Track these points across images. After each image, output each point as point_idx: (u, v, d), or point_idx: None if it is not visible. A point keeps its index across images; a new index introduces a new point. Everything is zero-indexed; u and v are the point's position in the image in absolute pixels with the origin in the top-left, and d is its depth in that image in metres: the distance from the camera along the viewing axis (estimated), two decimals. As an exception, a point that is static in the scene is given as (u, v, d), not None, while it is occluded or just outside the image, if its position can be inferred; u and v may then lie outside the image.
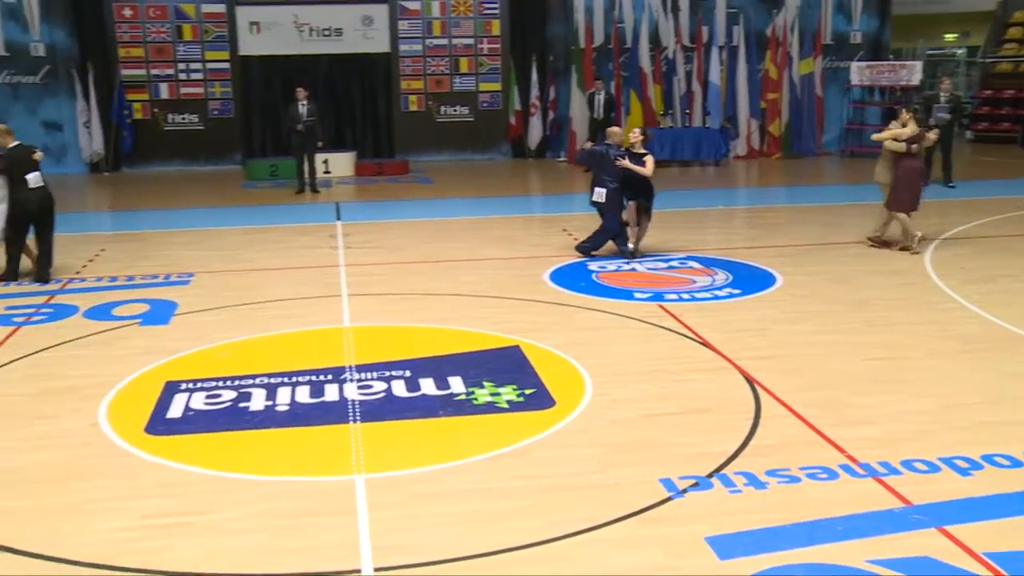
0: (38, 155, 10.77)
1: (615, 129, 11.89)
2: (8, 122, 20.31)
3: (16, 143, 10.78)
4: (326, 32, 21.67)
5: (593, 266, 11.14)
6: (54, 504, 5.36)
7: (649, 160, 11.30)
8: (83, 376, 7.48)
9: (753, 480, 5.48)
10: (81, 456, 6.01)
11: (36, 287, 10.51)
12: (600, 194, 11.35)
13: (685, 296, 9.74)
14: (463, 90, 22.56)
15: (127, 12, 21.08)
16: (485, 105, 22.68)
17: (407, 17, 22.06)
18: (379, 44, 21.97)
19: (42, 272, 10.77)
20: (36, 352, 8.17)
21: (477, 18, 22.37)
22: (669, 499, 5.28)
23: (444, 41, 22.32)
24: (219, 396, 6.96)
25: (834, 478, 5.52)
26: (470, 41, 22.44)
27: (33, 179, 10.68)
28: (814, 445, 5.99)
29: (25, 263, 10.91)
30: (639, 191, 11.41)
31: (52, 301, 9.95)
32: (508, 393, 6.94)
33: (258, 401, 6.85)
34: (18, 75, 20.86)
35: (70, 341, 8.48)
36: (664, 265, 11.15)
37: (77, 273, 11.20)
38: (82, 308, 9.58)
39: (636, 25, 22.01)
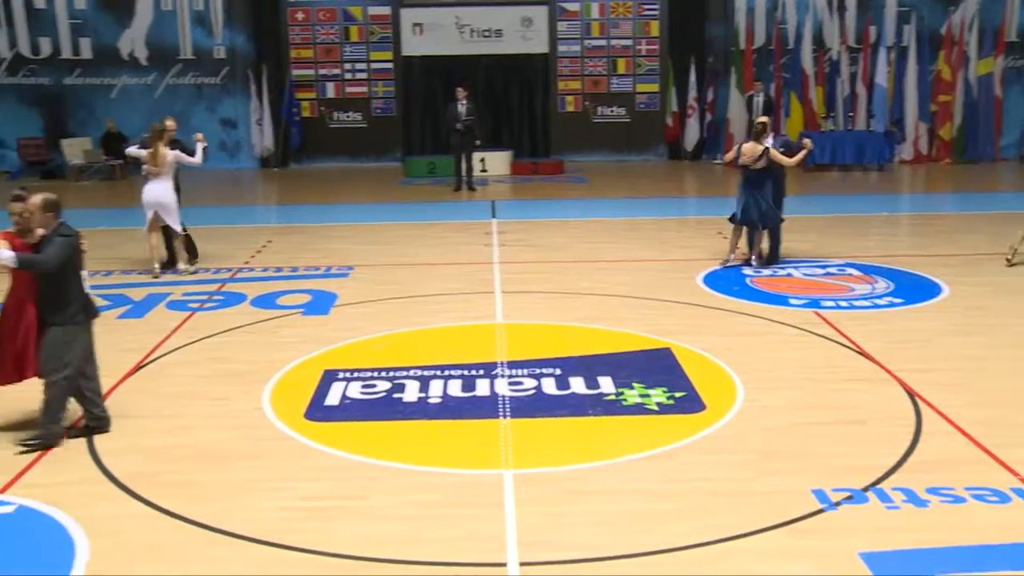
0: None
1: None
2: (191, 119, 21.69)
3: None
4: (486, 33, 21.97)
5: (747, 270, 10.89)
6: (224, 481, 5.64)
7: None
8: (250, 361, 7.84)
9: (912, 497, 5.24)
10: (248, 437, 6.30)
11: (211, 275, 11.06)
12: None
13: (843, 304, 9.41)
14: (620, 91, 22.45)
15: (300, 16, 21.95)
16: (642, 106, 22.50)
17: (566, 18, 22.12)
18: (538, 45, 22.11)
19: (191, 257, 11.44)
20: (209, 336, 8.61)
21: (636, 19, 22.22)
22: (821, 511, 5.11)
23: (602, 42, 22.27)
24: (374, 386, 7.16)
25: (1005, 501, 5.20)
26: (628, 42, 22.31)
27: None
28: (982, 465, 5.68)
29: (161, 251, 11.32)
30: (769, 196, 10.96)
31: (223, 289, 10.46)
32: (658, 395, 6.87)
33: (411, 393, 7.01)
34: (201, 76, 22.05)
35: (238, 327, 8.90)
36: (821, 271, 10.79)
37: (246, 263, 11.74)
38: (250, 296, 10.04)
39: (799, 26, 21.39)
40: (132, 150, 11.22)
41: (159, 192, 10.86)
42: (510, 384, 7.14)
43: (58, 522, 5.13)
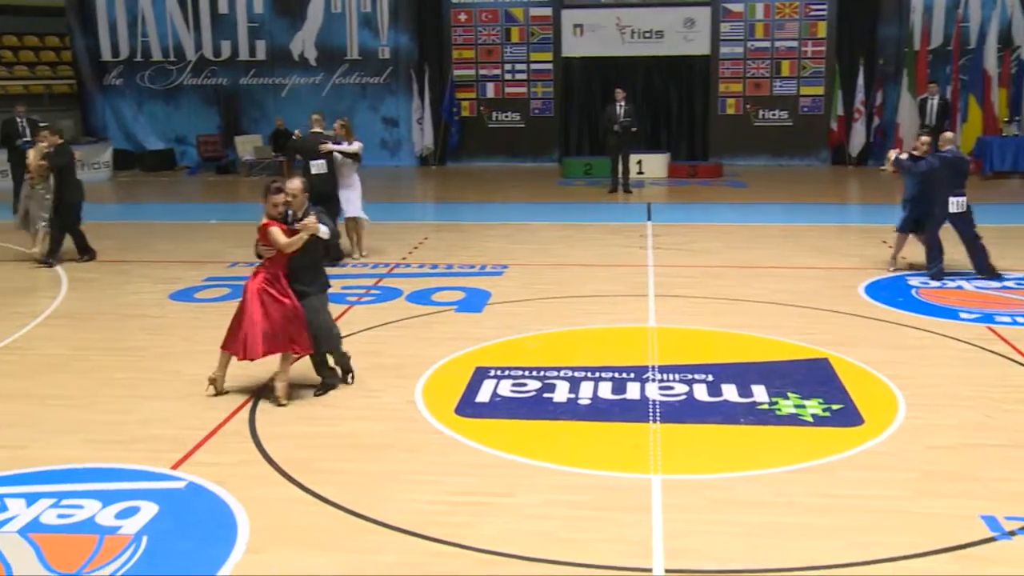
0: (324, 147, 11.49)
1: (949, 135, 11.01)
2: (354, 117, 22.40)
3: (315, 131, 11.64)
4: (647, 34, 21.79)
5: (914, 281, 10.41)
6: (376, 471, 5.80)
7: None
8: (404, 355, 8.04)
9: (1094, 530, 4.90)
10: (400, 429, 6.47)
11: (369, 269, 11.40)
12: (961, 203, 10.42)
13: (1020, 320, 8.87)
14: (783, 94, 21.86)
15: (462, 17, 22.36)
16: (805, 109, 21.84)
17: (729, 19, 21.70)
18: (699, 46, 21.77)
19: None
20: (366, 329, 8.88)
21: (803, 20, 21.58)
22: (993, 539, 4.83)
23: (766, 44, 21.73)
24: (525, 385, 7.22)
25: None
26: (793, 44, 21.69)
27: (317, 166, 11.45)
28: None
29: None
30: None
31: (380, 284, 10.76)
32: (813, 406, 6.66)
33: (561, 393, 7.03)
34: (366, 76, 22.79)
35: (394, 322, 9.14)
36: (997, 285, 10.21)
37: (403, 259, 12.04)
38: (406, 292, 10.29)
39: (984, 23, 20.25)
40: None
41: (350, 199, 11.56)
42: (661, 388, 7.06)
43: (222, 500, 5.40)
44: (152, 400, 7.07)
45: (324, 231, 6.85)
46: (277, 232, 6.79)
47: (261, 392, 7.17)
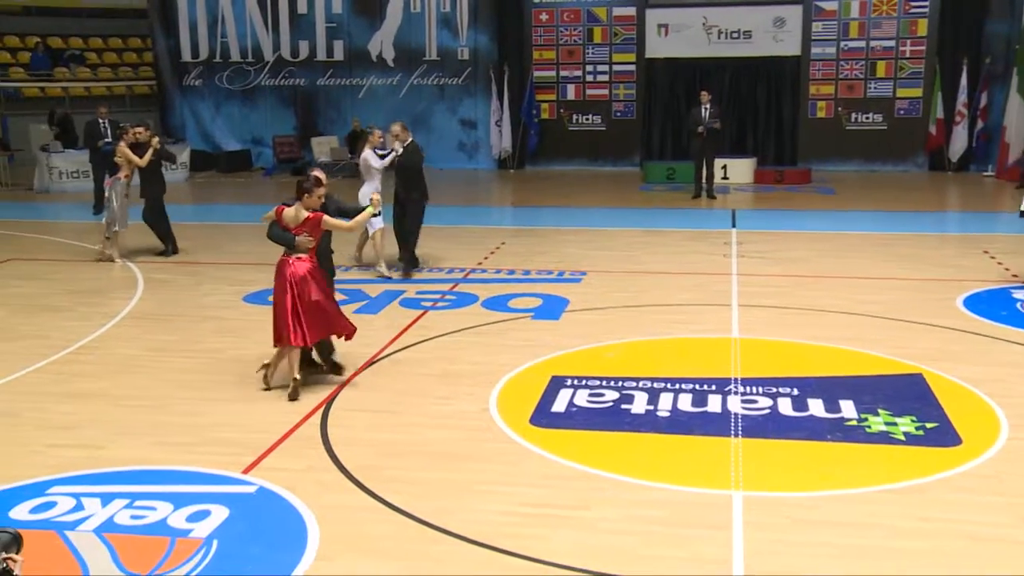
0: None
1: None
2: (432, 119, 22.65)
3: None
4: (735, 35, 21.55)
5: (1019, 294, 10.10)
6: (448, 480, 5.84)
7: None
8: (478, 363, 8.08)
9: None
10: (473, 438, 6.50)
11: (444, 274, 11.49)
12: None
13: None
14: (878, 96, 21.40)
15: (544, 16, 22.41)
16: (902, 112, 21.35)
17: (822, 18, 21.33)
18: (789, 47, 21.45)
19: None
20: (440, 336, 8.95)
21: (901, 17, 21.10)
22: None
23: (861, 43, 21.30)
24: (602, 395, 7.19)
25: None
26: (891, 43, 21.22)
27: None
28: None
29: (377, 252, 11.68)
30: None
31: (456, 289, 10.83)
32: (906, 424, 6.50)
33: (639, 404, 6.99)
34: (444, 77, 22.99)
35: (469, 328, 9.18)
36: (1109, 299, 9.85)
37: (479, 264, 12.10)
38: (481, 298, 10.34)
39: (1111, 17, 19.49)
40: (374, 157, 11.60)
41: (366, 194, 11.11)
42: (743, 402, 6.97)
43: (293, 506, 5.49)
44: (224, 403, 7.23)
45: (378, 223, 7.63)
46: (333, 220, 7.41)
47: (333, 398, 7.28)
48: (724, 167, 19.53)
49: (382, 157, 11.37)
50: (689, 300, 10.10)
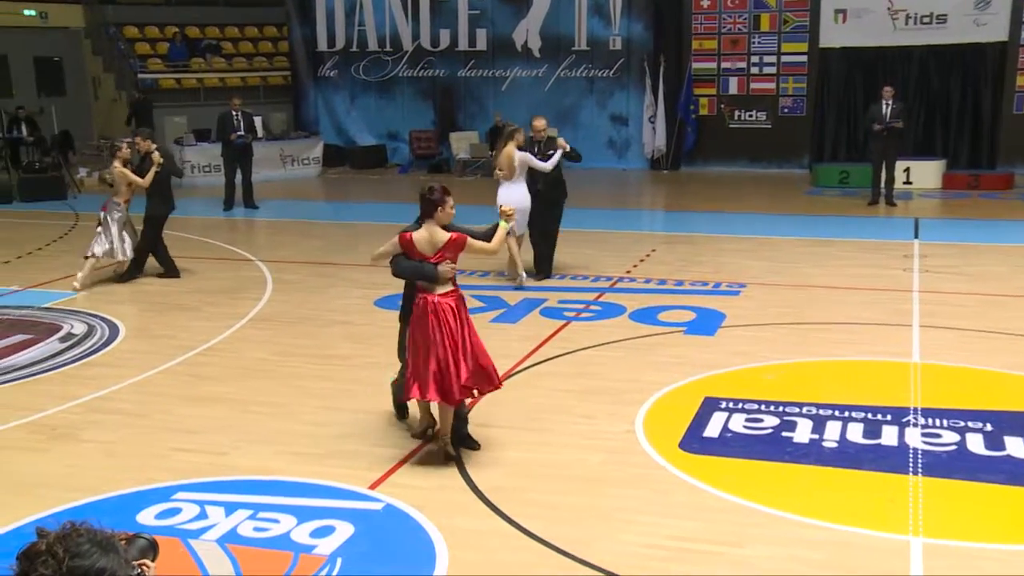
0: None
1: None
2: (579, 114, 22.73)
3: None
4: (926, 20, 20.81)
5: None
6: (588, 505, 5.84)
7: None
8: (623, 380, 8.06)
9: None
10: (615, 461, 6.48)
11: (589, 283, 11.51)
12: None
13: None
14: (1103, 87, 20.26)
15: (705, 3, 22.20)
16: None
17: (1035, -3, 20.31)
18: (994, 31, 20.46)
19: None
20: (582, 349, 8.96)
21: None
22: None
23: (1082, 25, 20.22)
24: (760, 421, 7.07)
25: None
26: (1117, 26, 20.08)
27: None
28: None
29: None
30: None
31: (601, 299, 10.83)
32: (1120, 470, 6.15)
33: (803, 432, 6.83)
34: (594, 69, 23.05)
35: (614, 342, 9.17)
36: None
37: (627, 272, 12.06)
38: (629, 309, 10.30)
39: None
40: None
41: (516, 198, 11.05)
42: (924, 435, 6.73)
43: (421, 526, 5.59)
44: (352, 413, 7.42)
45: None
46: (478, 242, 6.61)
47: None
48: (907, 170, 18.91)
49: (545, 158, 11.43)
50: (862, 318, 9.82)
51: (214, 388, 8.07)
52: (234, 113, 17.46)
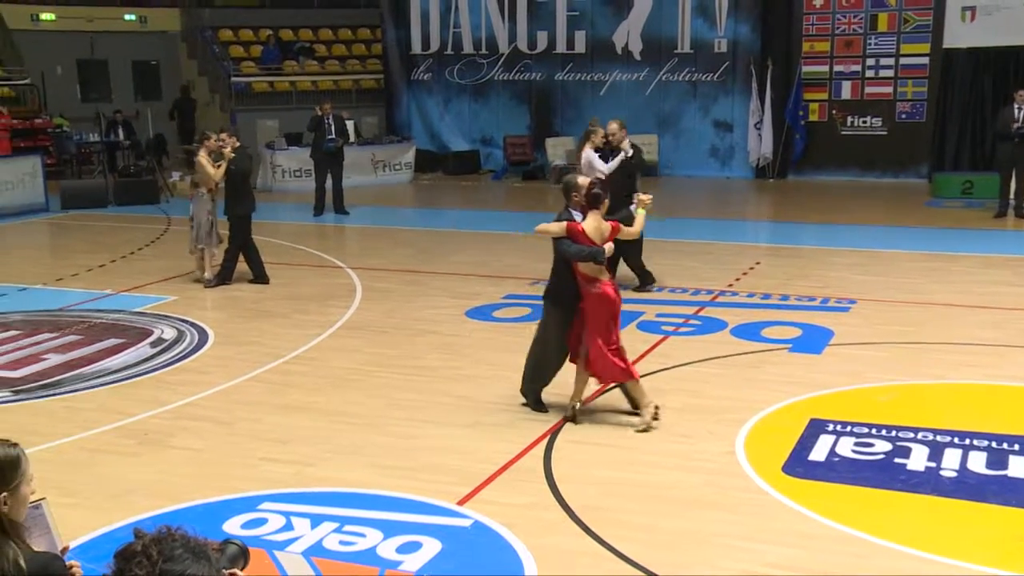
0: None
1: None
2: (681, 119, 22.59)
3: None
4: (1062, 18, 20.18)
5: None
6: (684, 529, 5.81)
7: None
8: (723, 398, 7.99)
9: None
10: (714, 484, 6.42)
11: (689, 296, 11.43)
12: None
13: None
14: None
15: (816, 2, 21.89)
16: None
17: None
18: None
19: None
20: (681, 365, 8.91)
21: None
22: None
23: None
24: (871, 445, 6.94)
25: None
26: None
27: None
28: None
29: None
30: None
31: (701, 313, 10.75)
32: None
33: (918, 459, 6.69)
34: (697, 72, 22.87)
35: (715, 358, 9.10)
36: None
37: (729, 286, 11.95)
38: (731, 324, 10.21)
39: None
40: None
41: None
42: (1054, 467, 6.53)
43: (510, 545, 5.61)
44: (440, 426, 7.49)
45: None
46: (626, 227, 7.69)
47: (560, 427, 7.39)
48: (1040, 180, 18.36)
49: (606, 159, 11.32)
50: (985, 339, 9.57)
51: (302, 397, 8.22)
52: (325, 117, 17.76)
